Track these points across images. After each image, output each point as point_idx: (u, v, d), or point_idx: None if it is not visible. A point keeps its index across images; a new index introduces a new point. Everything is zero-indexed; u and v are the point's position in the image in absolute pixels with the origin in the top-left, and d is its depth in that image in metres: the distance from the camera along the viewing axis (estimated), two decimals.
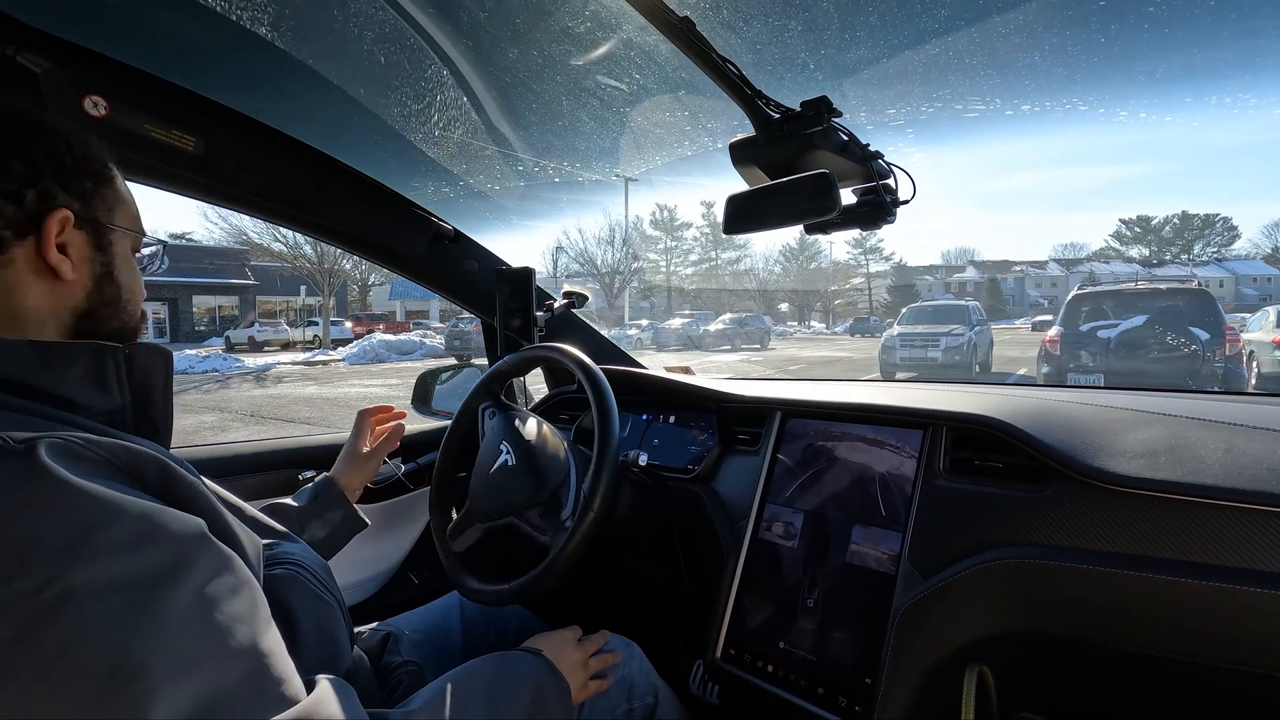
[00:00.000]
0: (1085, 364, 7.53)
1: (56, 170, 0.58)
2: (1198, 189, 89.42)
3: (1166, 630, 0.80)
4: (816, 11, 0.94)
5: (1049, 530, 0.86)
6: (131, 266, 0.66)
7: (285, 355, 21.22)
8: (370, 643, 0.96)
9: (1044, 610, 0.87)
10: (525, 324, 1.50)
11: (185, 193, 1.15)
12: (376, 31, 1.00)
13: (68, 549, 0.41)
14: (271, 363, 18.19)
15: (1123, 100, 1.14)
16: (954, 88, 1.12)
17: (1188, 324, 7.16)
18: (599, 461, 0.97)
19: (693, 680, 1.10)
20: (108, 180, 0.64)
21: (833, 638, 0.99)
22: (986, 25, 0.93)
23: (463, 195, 1.62)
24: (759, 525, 1.15)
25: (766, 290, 47.16)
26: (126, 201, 0.66)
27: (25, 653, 0.38)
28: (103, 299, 0.61)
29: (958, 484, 0.98)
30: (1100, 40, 0.95)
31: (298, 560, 0.71)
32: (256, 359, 19.23)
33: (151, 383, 0.60)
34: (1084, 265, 51.90)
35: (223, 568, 0.47)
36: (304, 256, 24.03)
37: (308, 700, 0.48)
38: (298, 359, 19.54)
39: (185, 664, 0.42)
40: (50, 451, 0.43)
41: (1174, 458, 0.83)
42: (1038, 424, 0.94)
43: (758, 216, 1.07)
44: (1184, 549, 0.77)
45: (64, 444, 0.45)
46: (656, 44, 1.00)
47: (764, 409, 1.25)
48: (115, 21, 0.94)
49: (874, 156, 1.02)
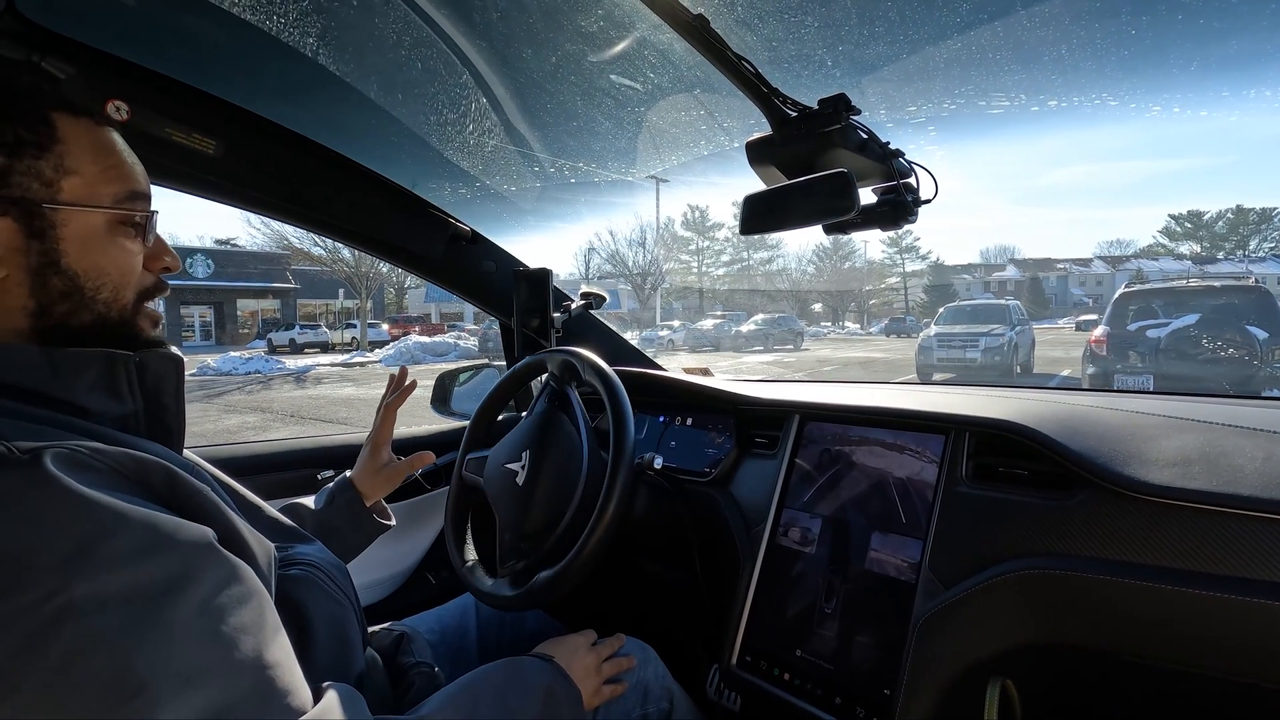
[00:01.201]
0: (1133, 365, 7.18)
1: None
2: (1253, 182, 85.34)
3: (1201, 646, 0.76)
4: (834, 7, 0.92)
5: (1076, 540, 0.83)
6: (104, 246, 0.56)
7: (324, 357, 21.72)
8: (384, 643, 0.97)
9: (1071, 623, 0.83)
10: (543, 325, 1.50)
11: (205, 195, 1.17)
12: (394, 33, 1.01)
13: (72, 560, 0.40)
14: (311, 364, 18.64)
15: (1155, 94, 1.09)
16: (977, 84, 1.08)
17: (1244, 323, 6.80)
18: (614, 464, 0.96)
19: (709, 686, 1.09)
20: (39, 146, 0.52)
21: (851, 646, 0.97)
22: (1010, 19, 0.90)
23: (479, 197, 1.64)
24: (776, 530, 1.13)
25: (800, 290, 46.64)
26: (86, 168, 0.55)
27: (28, 665, 0.38)
28: (50, 294, 0.53)
29: (981, 491, 0.95)
30: (1131, 32, 0.91)
31: (313, 561, 0.71)
32: (297, 361, 19.74)
33: (163, 388, 0.60)
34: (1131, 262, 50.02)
35: (230, 578, 0.47)
36: (342, 260, 24.52)
37: (314, 711, 0.48)
38: (336, 361, 19.98)
39: (190, 676, 0.41)
40: (56, 461, 0.43)
41: (1209, 466, 0.79)
42: (1065, 430, 0.91)
43: (775, 217, 1.05)
44: (1219, 562, 0.73)
45: (70, 453, 0.44)
46: (671, 42, 1.00)
47: (782, 412, 1.23)
48: (137, 27, 0.96)
49: (894, 155, 1.00)
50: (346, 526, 1.01)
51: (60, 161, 0.53)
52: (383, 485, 1.07)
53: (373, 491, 1.06)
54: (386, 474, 1.07)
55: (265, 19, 0.94)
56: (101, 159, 0.56)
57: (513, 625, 1.13)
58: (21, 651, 0.38)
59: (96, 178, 0.55)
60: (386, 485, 1.08)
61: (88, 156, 0.55)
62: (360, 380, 14.98)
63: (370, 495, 1.05)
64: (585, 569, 0.93)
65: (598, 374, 1.07)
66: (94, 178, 0.55)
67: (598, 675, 0.89)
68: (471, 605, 1.13)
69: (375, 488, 1.06)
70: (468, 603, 1.14)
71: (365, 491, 1.05)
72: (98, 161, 0.56)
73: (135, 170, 0.60)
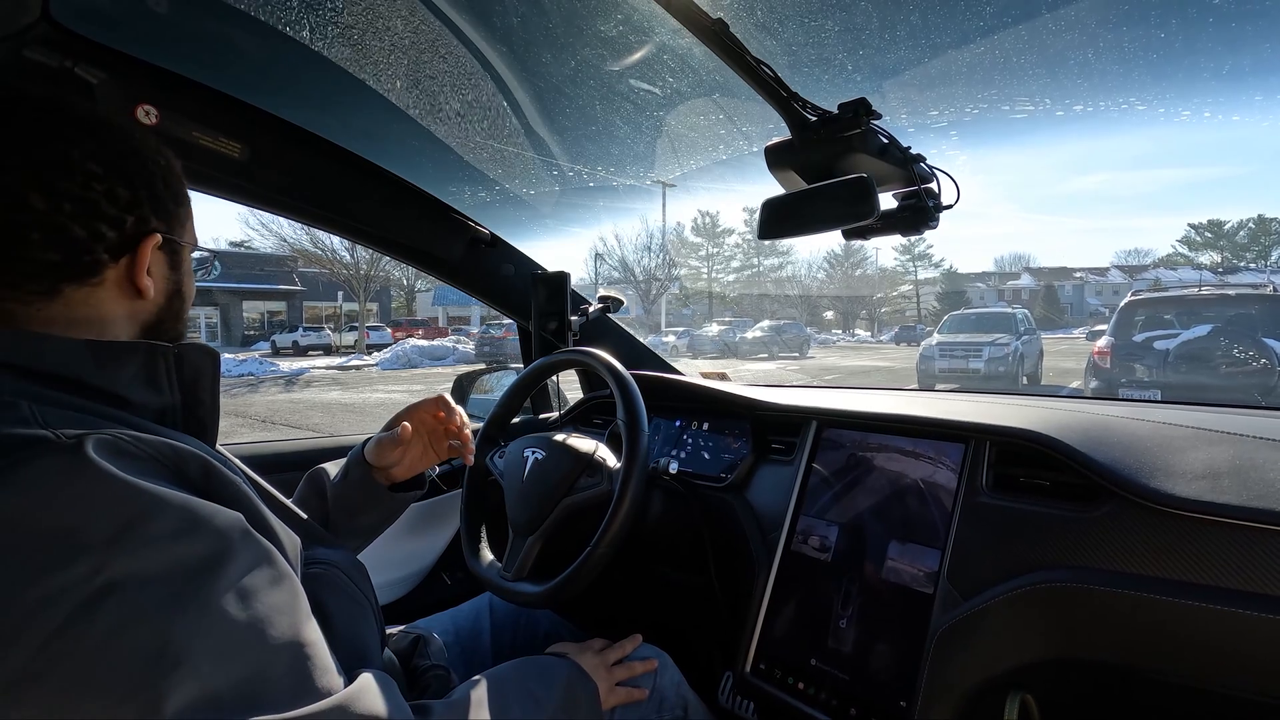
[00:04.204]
0: (1139, 378, 6.69)
1: (152, 196, 0.60)
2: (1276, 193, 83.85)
3: (1230, 665, 0.74)
4: (855, 11, 0.91)
5: (1100, 553, 0.81)
6: (193, 277, 0.68)
7: (323, 360, 21.59)
8: (401, 645, 0.97)
9: (1093, 637, 0.82)
10: (560, 328, 1.50)
11: (231, 198, 1.19)
12: (417, 38, 1.02)
13: (113, 541, 0.42)
14: (306, 367, 18.53)
15: (1185, 99, 1.08)
16: (1000, 88, 1.07)
17: (1262, 335, 6.34)
18: (627, 465, 0.96)
19: (721, 692, 1.08)
20: (185, 200, 0.66)
21: (866, 657, 0.96)
22: (1035, 23, 0.89)
23: (499, 201, 1.64)
24: (792, 537, 1.12)
25: (810, 297, 46.49)
26: (191, 216, 0.67)
27: (72, 641, 0.39)
28: (171, 312, 0.64)
29: (1001, 501, 0.93)
30: (1160, 36, 0.90)
31: (333, 561, 0.72)
32: (295, 363, 19.64)
33: (200, 382, 0.62)
34: (1149, 272, 49.44)
35: (263, 560, 0.48)
36: (340, 262, 24.51)
37: (350, 689, 0.48)
38: (332, 364, 19.86)
39: (227, 650, 0.43)
40: (98, 447, 0.45)
41: (1239, 480, 0.78)
42: (1089, 440, 0.89)
43: (794, 221, 1.05)
44: (1248, 579, 0.72)
45: (111, 440, 0.46)
46: (690, 47, 0.99)
47: (800, 418, 1.22)
48: (166, 33, 0.98)
49: (915, 160, 0.99)
50: (364, 500, 0.94)
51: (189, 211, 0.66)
52: (387, 453, 0.94)
53: (382, 461, 0.94)
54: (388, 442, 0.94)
55: (290, 25, 0.95)
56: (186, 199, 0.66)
57: (526, 628, 1.13)
58: (66, 628, 0.39)
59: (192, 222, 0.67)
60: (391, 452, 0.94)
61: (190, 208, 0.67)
62: (350, 385, 14.67)
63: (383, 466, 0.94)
64: (599, 566, 0.93)
65: (612, 375, 1.07)
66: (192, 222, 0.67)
67: (609, 675, 0.90)
68: (486, 608, 1.13)
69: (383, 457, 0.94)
70: (482, 606, 1.14)
71: (377, 464, 0.94)
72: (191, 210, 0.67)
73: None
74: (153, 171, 0.60)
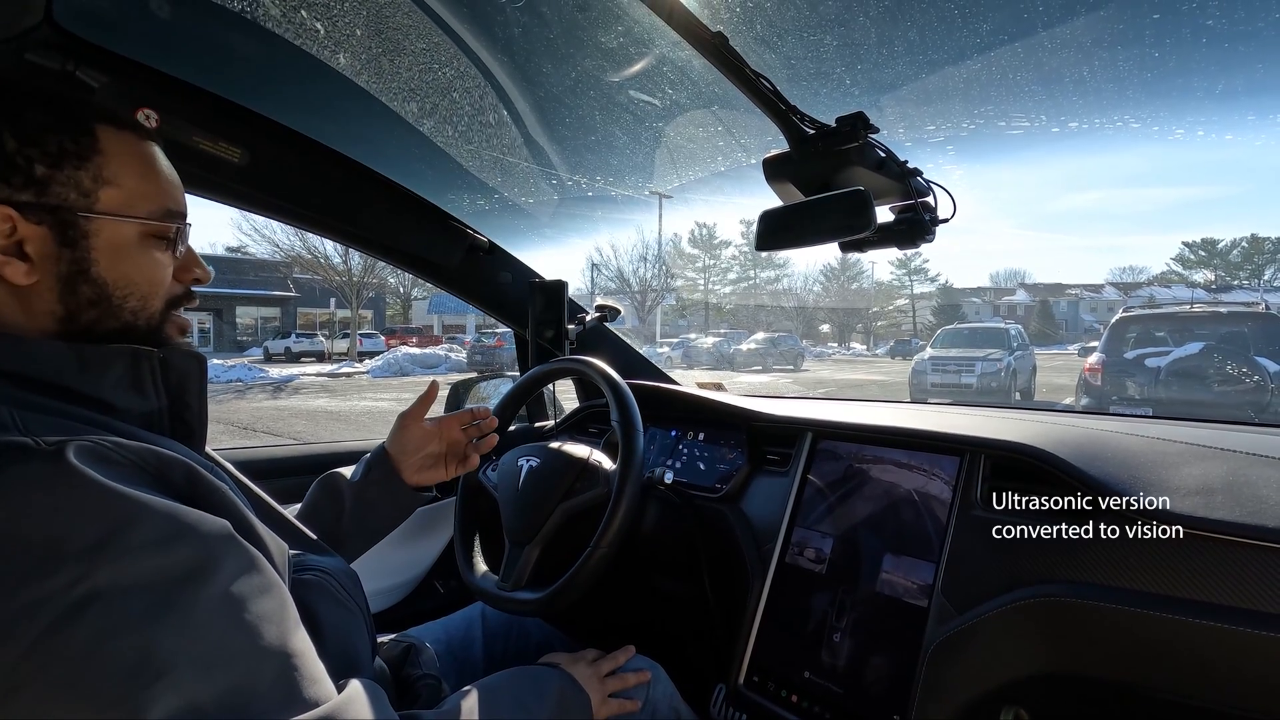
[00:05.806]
0: (1130, 396, 6.67)
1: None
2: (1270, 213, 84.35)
3: (1224, 682, 0.74)
4: (853, 27, 0.92)
5: (1093, 568, 0.81)
6: (134, 257, 0.57)
7: (315, 367, 21.35)
8: (392, 653, 0.96)
9: (1087, 652, 0.82)
10: (557, 336, 1.50)
11: (230, 202, 1.19)
12: (419, 47, 1.03)
13: (95, 549, 0.41)
14: (295, 374, 18.31)
15: (1179, 117, 1.09)
16: (997, 104, 1.08)
17: (1254, 353, 6.33)
18: (624, 465, 0.96)
19: (713, 705, 1.07)
20: (80, 157, 0.54)
21: (860, 670, 0.96)
22: (1032, 41, 0.91)
23: (498, 209, 1.65)
24: (787, 548, 1.12)
25: (806, 309, 46.60)
26: (124, 180, 0.56)
27: (54, 650, 0.39)
28: (79, 301, 0.55)
29: (995, 514, 0.93)
30: (1154, 55, 0.91)
31: (325, 568, 0.71)
32: (285, 370, 19.43)
33: (186, 386, 0.61)
34: (1143, 289, 49.69)
35: (249, 567, 0.47)
36: (332, 269, 24.22)
37: (338, 699, 0.48)
38: (323, 371, 19.66)
39: (212, 661, 0.42)
40: (79, 454, 0.44)
41: (1233, 496, 0.78)
42: (1083, 455, 0.90)
43: (791, 233, 1.06)
44: (1242, 595, 0.72)
45: (93, 446, 0.45)
46: (690, 59, 1.00)
47: (795, 429, 1.22)
48: (168, 37, 0.98)
49: (912, 174, 1.00)
50: (382, 498, 0.95)
51: (99, 172, 0.54)
52: (413, 421, 0.97)
53: (404, 454, 0.97)
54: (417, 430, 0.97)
55: (292, 32, 0.96)
56: (139, 172, 0.57)
57: (519, 638, 1.12)
58: (47, 637, 0.39)
59: (133, 190, 0.56)
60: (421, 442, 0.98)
61: (126, 169, 0.56)
62: (338, 392, 14.37)
63: (403, 461, 0.97)
64: (594, 575, 0.93)
65: (608, 383, 1.07)
66: (131, 190, 0.56)
67: (601, 685, 0.89)
68: (478, 618, 1.12)
69: (407, 448, 0.97)
70: (474, 615, 1.13)
71: (400, 460, 0.96)
72: (136, 174, 0.57)
73: (172, 184, 0.61)
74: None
